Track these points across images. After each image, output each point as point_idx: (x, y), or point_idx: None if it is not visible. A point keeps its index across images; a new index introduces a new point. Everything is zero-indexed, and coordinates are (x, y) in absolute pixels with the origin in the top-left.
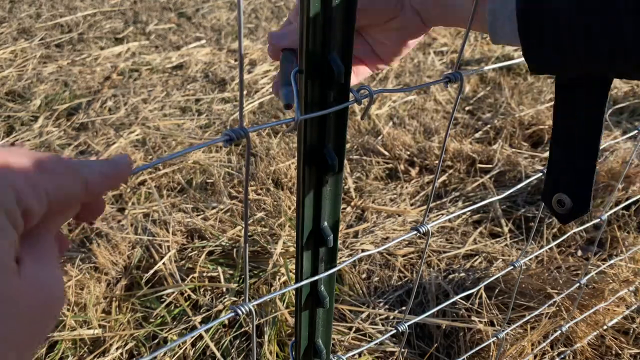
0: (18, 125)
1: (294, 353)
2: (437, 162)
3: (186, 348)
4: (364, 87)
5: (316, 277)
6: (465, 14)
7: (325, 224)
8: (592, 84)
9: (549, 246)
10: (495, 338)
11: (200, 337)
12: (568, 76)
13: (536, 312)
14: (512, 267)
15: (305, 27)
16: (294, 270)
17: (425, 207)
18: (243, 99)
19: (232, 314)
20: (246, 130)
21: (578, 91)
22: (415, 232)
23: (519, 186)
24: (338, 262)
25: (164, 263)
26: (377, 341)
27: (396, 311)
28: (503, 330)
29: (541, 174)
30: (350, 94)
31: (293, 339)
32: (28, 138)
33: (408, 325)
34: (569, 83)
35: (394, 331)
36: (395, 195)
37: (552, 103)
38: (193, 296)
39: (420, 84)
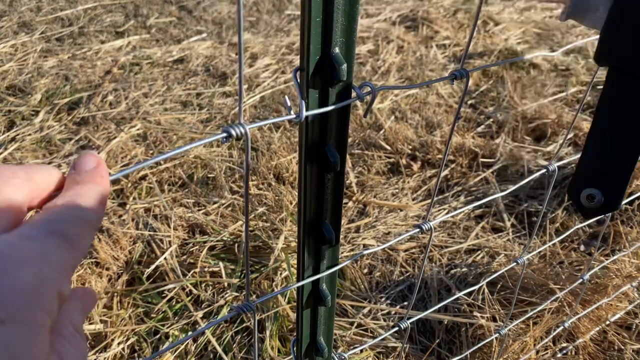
0: (19, 120)
1: (295, 350)
2: (439, 156)
3: (188, 343)
4: (366, 83)
5: (318, 276)
6: None
7: (327, 222)
8: None
9: (552, 242)
10: (497, 334)
11: (202, 332)
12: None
13: (539, 308)
14: (515, 263)
15: (307, 24)
16: (296, 266)
17: (427, 201)
18: (242, 94)
19: (234, 313)
20: (245, 126)
21: (633, 83)
22: (418, 229)
23: (522, 183)
24: (339, 259)
25: (165, 258)
26: (379, 338)
27: (398, 306)
28: (506, 327)
29: (544, 169)
30: (352, 91)
31: (295, 336)
32: (29, 132)
33: (410, 321)
34: (625, 73)
35: (397, 328)
36: (397, 190)
37: (555, 97)
38: (194, 291)
39: (425, 81)
